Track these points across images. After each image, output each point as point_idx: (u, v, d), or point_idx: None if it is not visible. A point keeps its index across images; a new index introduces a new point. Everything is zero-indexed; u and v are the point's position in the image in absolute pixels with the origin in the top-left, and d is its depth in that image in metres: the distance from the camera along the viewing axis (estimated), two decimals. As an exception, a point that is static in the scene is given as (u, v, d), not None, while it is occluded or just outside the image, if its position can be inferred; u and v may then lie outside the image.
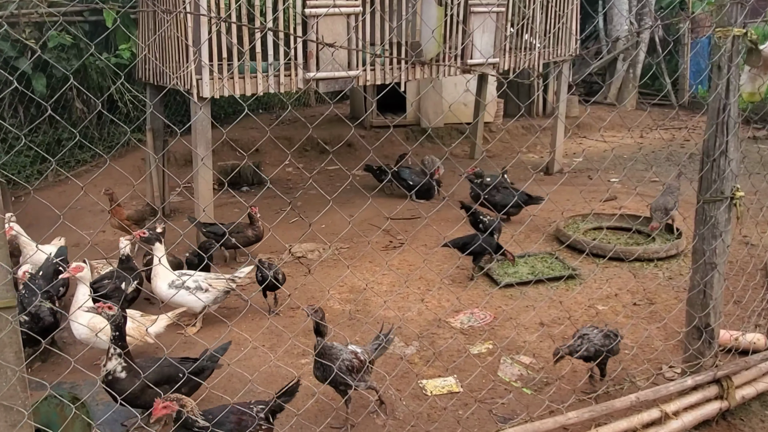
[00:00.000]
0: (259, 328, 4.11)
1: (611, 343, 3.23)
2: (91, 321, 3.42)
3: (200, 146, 5.42)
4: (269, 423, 2.54)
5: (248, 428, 2.42)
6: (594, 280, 4.87)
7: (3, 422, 2.02)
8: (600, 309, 4.36)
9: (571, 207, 6.63)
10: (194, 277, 4.20)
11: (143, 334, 3.63)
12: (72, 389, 3.26)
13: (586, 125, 11.34)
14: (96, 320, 3.35)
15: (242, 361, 3.67)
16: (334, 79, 5.82)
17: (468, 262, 5.23)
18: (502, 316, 4.29)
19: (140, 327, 3.62)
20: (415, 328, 4.14)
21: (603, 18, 13.43)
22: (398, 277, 5.00)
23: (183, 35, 5.17)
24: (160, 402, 2.25)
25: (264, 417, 2.51)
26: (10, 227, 4.60)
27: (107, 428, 3.03)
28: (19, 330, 2.01)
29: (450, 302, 4.53)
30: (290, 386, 2.73)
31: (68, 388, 3.27)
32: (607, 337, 3.25)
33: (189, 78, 5.15)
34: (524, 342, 3.91)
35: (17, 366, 2.01)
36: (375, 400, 3.26)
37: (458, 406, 3.25)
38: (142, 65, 6.41)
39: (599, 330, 3.29)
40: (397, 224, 6.39)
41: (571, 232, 5.82)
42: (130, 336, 3.47)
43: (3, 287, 1.95)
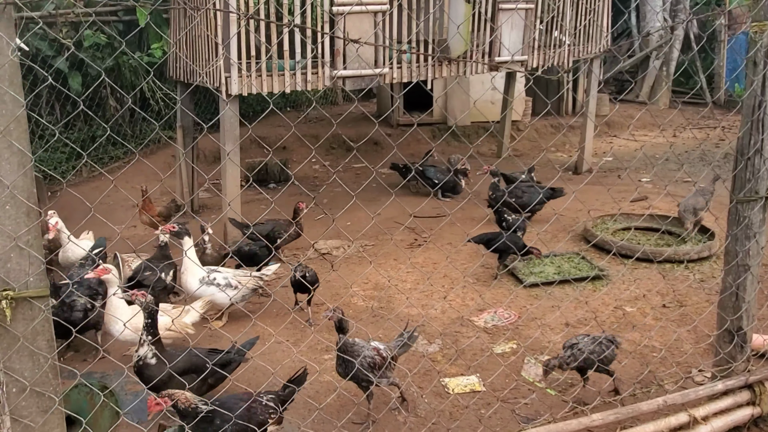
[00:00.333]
0: (283, 323, 4.14)
1: (603, 350, 3.08)
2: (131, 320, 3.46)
3: (228, 143, 5.50)
4: (279, 411, 2.57)
5: (258, 415, 2.46)
6: (622, 281, 4.78)
7: (35, 408, 2.09)
8: (628, 310, 4.28)
9: (599, 207, 6.53)
10: (224, 274, 4.26)
11: (183, 327, 3.68)
12: (102, 378, 3.34)
13: (617, 124, 11.13)
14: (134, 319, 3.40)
15: (266, 354, 3.71)
16: (361, 77, 5.84)
17: (492, 260, 5.19)
18: (526, 315, 4.25)
19: (179, 320, 3.66)
20: (439, 326, 4.13)
21: (635, 14, 13.16)
22: (422, 274, 5.00)
23: (212, 33, 5.25)
24: (152, 399, 2.30)
25: (273, 406, 2.54)
26: (56, 223, 4.72)
27: (135, 417, 3.09)
28: (51, 319, 2.08)
29: (474, 301, 4.50)
30: (298, 375, 2.76)
31: (98, 378, 3.36)
32: (598, 344, 3.09)
33: (218, 75, 5.23)
34: (549, 342, 3.86)
35: (49, 354, 2.07)
36: (397, 396, 3.26)
37: (480, 405, 3.23)
38: (172, 63, 6.53)
39: (591, 337, 3.15)
40: (422, 222, 6.37)
41: (599, 231, 5.72)
42: (170, 330, 3.54)
43: (36, 277, 2.01)
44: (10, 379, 2.04)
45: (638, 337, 3.84)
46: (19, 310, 1.99)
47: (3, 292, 1.95)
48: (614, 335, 3.26)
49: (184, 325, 3.67)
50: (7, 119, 1.89)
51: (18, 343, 2.01)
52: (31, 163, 1.95)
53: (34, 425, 2.09)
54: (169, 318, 3.47)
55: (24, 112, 1.91)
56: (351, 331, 3.07)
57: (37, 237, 2.02)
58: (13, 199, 1.93)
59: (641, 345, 3.75)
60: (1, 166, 1.91)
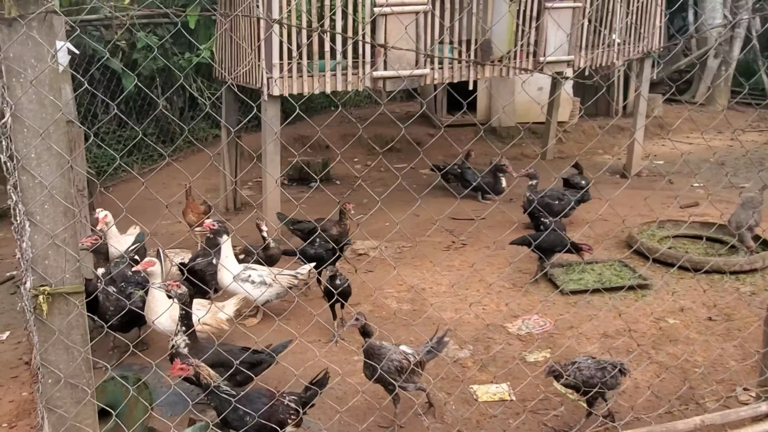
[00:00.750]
0: (316, 323, 4.17)
1: (604, 377, 2.89)
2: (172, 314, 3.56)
3: (269, 143, 5.60)
4: (299, 413, 2.59)
5: (278, 413, 2.49)
6: (666, 291, 4.60)
7: (69, 399, 2.18)
8: (670, 322, 4.11)
9: (647, 212, 6.29)
10: (259, 272, 4.34)
11: (218, 322, 3.77)
12: (140, 371, 3.46)
13: (670, 125, 10.70)
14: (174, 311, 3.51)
15: (297, 354, 3.76)
16: (401, 78, 5.82)
17: (531, 265, 5.09)
18: (562, 323, 4.14)
19: (215, 314, 3.76)
20: (471, 331, 4.08)
21: (693, 11, 12.61)
22: (457, 278, 4.95)
23: (254, 36, 5.36)
24: (178, 362, 2.35)
25: (295, 407, 2.57)
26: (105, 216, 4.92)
27: (169, 409, 3.19)
28: (85, 314, 2.16)
29: (508, 306, 4.43)
30: (319, 378, 2.77)
31: (137, 370, 3.48)
32: (600, 369, 2.91)
33: (259, 76, 5.33)
34: (584, 352, 3.74)
35: (82, 347, 2.16)
36: (424, 402, 3.24)
37: (509, 414, 3.17)
38: (218, 64, 6.70)
39: (595, 361, 2.98)
40: (460, 225, 6.31)
41: (645, 238, 5.52)
42: (206, 324, 3.64)
43: (72, 274, 2.10)
44: (47, 371, 2.14)
45: (679, 350, 3.69)
46: (55, 305, 2.08)
47: (40, 288, 2.04)
48: (623, 362, 3.04)
49: (219, 320, 3.76)
50: (47, 122, 1.98)
51: (54, 337, 2.10)
52: (67, 165, 2.03)
53: (67, 415, 2.18)
54: (207, 312, 3.57)
55: (62, 116, 2.00)
56: (376, 333, 3.06)
57: (73, 236, 2.10)
58: (51, 199, 2.02)
59: (681, 359, 3.59)
60: (40, 168, 1.99)
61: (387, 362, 2.93)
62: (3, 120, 1.96)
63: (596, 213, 6.50)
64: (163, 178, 8.06)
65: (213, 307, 3.78)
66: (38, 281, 2.06)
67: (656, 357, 3.66)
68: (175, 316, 3.48)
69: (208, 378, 2.41)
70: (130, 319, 3.72)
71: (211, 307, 3.71)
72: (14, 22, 1.87)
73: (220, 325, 3.74)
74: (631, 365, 3.55)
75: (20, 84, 1.91)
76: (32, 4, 1.88)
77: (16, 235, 2.12)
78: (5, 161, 1.99)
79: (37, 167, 1.99)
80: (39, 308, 2.06)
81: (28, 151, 1.97)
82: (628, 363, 3.10)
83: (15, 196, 2.01)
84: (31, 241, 2.04)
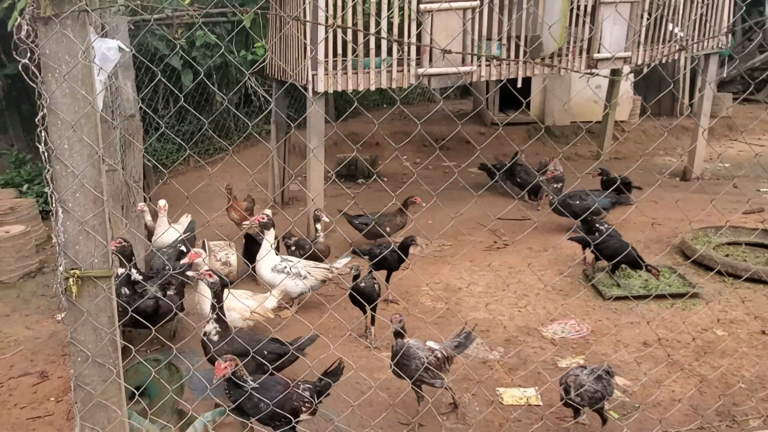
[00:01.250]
0: (348, 318, 4.21)
1: (605, 388, 2.76)
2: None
3: (313, 139, 5.69)
4: (314, 402, 2.63)
5: (293, 401, 2.53)
6: (719, 301, 4.34)
7: (96, 377, 2.31)
8: (718, 334, 3.88)
9: (705, 218, 5.96)
10: (295, 264, 4.43)
11: (265, 311, 3.88)
12: (173, 357, 3.60)
13: (741, 126, 10.08)
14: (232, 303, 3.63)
15: (327, 348, 3.80)
16: (446, 75, 5.77)
17: (573, 269, 4.94)
18: (601, 330, 3.99)
19: (262, 305, 3.86)
20: (503, 333, 4.01)
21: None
22: (496, 278, 4.87)
23: (301, 34, 5.45)
24: (220, 363, 2.42)
25: (309, 396, 2.61)
26: (165, 204, 5.18)
27: (199, 393, 3.31)
28: (113, 298, 2.28)
29: (546, 310, 4.31)
30: (334, 368, 2.80)
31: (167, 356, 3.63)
32: (599, 379, 2.76)
33: (305, 74, 5.42)
34: (621, 361, 3.60)
35: (109, 329, 2.28)
36: (448, 403, 3.21)
37: (534, 419, 3.09)
38: (269, 62, 6.87)
39: (588, 371, 2.80)
40: (505, 225, 6.20)
41: (699, 245, 5.23)
42: (256, 313, 3.76)
43: (100, 259, 2.21)
44: (76, 349, 2.27)
45: (724, 364, 3.48)
46: (84, 288, 2.21)
47: (71, 271, 2.17)
48: (610, 366, 2.87)
49: (266, 309, 3.86)
50: (79, 115, 2.09)
51: (83, 318, 2.23)
52: (97, 155, 2.14)
53: (94, 392, 2.31)
54: (255, 302, 3.69)
55: (92, 109, 2.10)
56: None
57: (102, 222, 2.21)
58: (82, 188, 2.14)
59: (726, 373, 3.39)
60: (72, 158, 2.12)
61: (415, 360, 2.92)
62: (40, 113, 2.09)
63: (650, 216, 6.23)
64: (217, 170, 8.35)
65: (259, 297, 3.90)
66: (69, 264, 2.18)
67: (698, 369, 3.47)
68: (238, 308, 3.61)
69: (241, 372, 2.47)
70: (147, 317, 3.63)
71: (258, 297, 3.82)
72: (50, 20, 1.99)
73: (267, 314, 3.84)
74: (668, 376, 3.40)
75: (55, 79, 2.03)
76: (66, 3, 1.99)
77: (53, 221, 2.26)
78: (43, 151, 2.12)
79: (69, 157, 2.11)
80: (69, 290, 2.19)
81: (61, 142, 2.09)
82: (656, 372, 2.95)
83: (50, 184, 2.14)
84: (63, 226, 2.17)
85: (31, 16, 2.00)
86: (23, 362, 3.84)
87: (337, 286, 4.86)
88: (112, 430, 2.36)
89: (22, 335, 4.22)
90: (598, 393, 2.73)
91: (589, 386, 2.71)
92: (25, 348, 4.03)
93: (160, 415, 2.97)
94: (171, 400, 3.03)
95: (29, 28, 2.02)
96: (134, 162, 6.14)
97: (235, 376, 2.51)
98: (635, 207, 6.66)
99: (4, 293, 5.00)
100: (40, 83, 2.05)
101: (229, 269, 4.85)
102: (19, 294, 4.97)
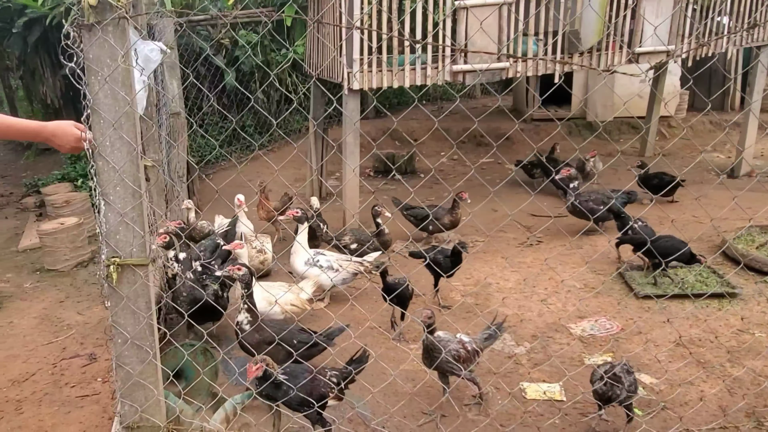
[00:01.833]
0: (378, 310, 4.32)
1: (633, 382, 2.75)
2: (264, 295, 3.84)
3: (348, 135, 5.80)
4: (340, 389, 2.73)
5: (320, 387, 2.64)
6: (758, 302, 4.22)
7: (135, 357, 2.49)
8: (755, 335, 3.78)
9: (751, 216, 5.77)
10: (327, 257, 4.56)
11: (302, 303, 4.03)
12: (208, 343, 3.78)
13: (797, 122, 9.62)
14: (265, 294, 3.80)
15: (358, 338, 3.91)
16: (481, 72, 5.78)
17: (607, 267, 4.89)
18: (631, 328, 3.95)
19: (299, 297, 4.01)
20: (531, 329, 4.02)
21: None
22: (527, 275, 4.87)
23: (337, 33, 5.57)
24: (252, 365, 2.55)
25: (336, 383, 2.71)
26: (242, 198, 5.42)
27: (234, 379, 3.48)
28: (150, 285, 2.44)
29: (575, 306, 4.29)
30: (359, 356, 2.90)
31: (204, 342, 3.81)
32: (629, 373, 2.75)
33: (341, 71, 5.54)
34: (650, 360, 3.56)
35: (146, 313, 2.44)
36: (472, 395, 3.26)
37: (556, 414, 3.11)
38: (307, 60, 7.03)
39: (613, 365, 2.77)
40: (539, 221, 6.16)
41: (742, 245, 5.08)
42: (293, 305, 3.91)
43: (138, 248, 2.38)
44: (116, 332, 2.45)
45: (760, 366, 3.40)
46: (124, 275, 2.38)
47: (112, 259, 2.35)
48: (628, 362, 2.85)
49: (303, 301, 4.01)
50: (119, 114, 2.25)
51: (122, 302, 2.41)
52: (135, 151, 2.30)
53: (133, 372, 2.49)
54: (293, 294, 3.84)
55: (131, 109, 2.26)
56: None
57: (141, 214, 2.38)
58: (122, 182, 2.31)
59: (762, 375, 3.31)
60: (113, 154, 2.29)
61: (445, 354, 2.98)
62: (85, 113, 2.26)
63: (691, 215, 6.08)
64: (257, 166, 8.60)
65: (296, 288, 4.05)
66: (110, 253, 2.36)
67: (729, 369, 3.40)
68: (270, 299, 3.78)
69: (272, 368, 2.60)
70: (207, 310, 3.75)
71: (294, 288, 3.97)
72: (93, 27, 2.16)
73: (304, 306, 3.98)
74: (698, 376, 3.35)
75: (97, 81, 2.20)
76: (108, 11, 2.16)
77: (95, 213, 2.44)
78: (87, 148, 2.30)
79: (110, 154, 2.28)
80: (110, 277, 2.37)
81: (103, 140, 2.27)
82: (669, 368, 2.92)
83: (93, 178, 2.31)
84: (105, 218, 2.35)
85: (76, 23, 2.18)
86: (74, 345, 4.11)
87: (370, 281, 4.96)
88: (149, 407, 2.54)
89: (74, 320, 4.51)
90: (617, 388, 2.72)
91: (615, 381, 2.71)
92: (77, 332, 4.30)
93: (195, 396, 3.14)
94: (206, 383, 3.19)
95: (75, 34, 2.19)
96: (178, 158, 6.42)
97: (266, 374, 2.63)
98: (679, 204, 6.50)
99: (59, 281, 5.34)
100: (85, 85, 2.23)
101: (264, 256, 5.02)
102: (73, 282, 5.30)
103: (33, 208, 7.54)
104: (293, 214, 4.77)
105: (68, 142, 2.30)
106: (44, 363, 3.89)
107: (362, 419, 3.09)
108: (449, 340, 3.11)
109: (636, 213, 5.48)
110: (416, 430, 3.03)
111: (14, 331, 4.38)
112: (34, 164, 9.37)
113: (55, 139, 2.31)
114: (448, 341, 3.10)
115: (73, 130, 2.30)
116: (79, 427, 3.18)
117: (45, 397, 3.49)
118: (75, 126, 2.31)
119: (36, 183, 7.95)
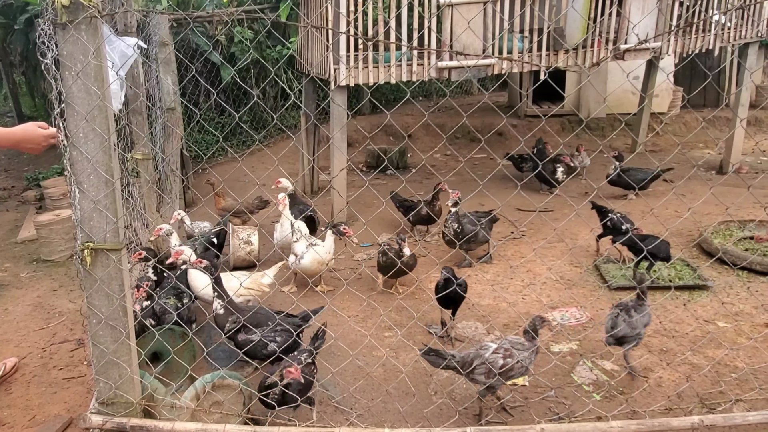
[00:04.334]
0: (358, 300, 4.45)
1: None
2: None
3: (336, 131, 5.93)
4: (313, 364, 3.01)
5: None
6: (728, 294, 4.32)
7: (109, 337, 2.64)
8: (719, 326, 3.88)
9: (734, 212, 5.86)
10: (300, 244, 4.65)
11: (260, 285, 4.17)
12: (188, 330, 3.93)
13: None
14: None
15: (334, 327, 4.05)
16: (466, 68, 5.88)
17: (583, 260, 5.00)
18: (600, 318, 4.06)
19: (255, 279, 4.16)
20: (504, 319, 4.14)
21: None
22: (505, 268, 4.98)
23: (322, 34, 5.69)
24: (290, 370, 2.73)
25: (311, 361, 2.97)
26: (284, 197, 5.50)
27: (214, 362, 3.63)
28: (123, 269, 2.59)
29: (549, 297, 4.41)
30: (318, 333, 3.23)
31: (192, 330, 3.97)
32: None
33: (328, 68, 5.67)
34: (612, 347, 3.67)
35: (119, 295, 2.59)
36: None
37: (518, 399, 3.24)
38: (299, 56, 7.16)
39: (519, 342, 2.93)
40: (526, 216, 6.27)
41: (719, 238, 5.17)
42: (248, 288, 4.06)
43: (111, 234, 2.52)
44: (91, 312, 2.60)
45: (720, 355, 3.50)
46: (97, 259, 2.53)
47: (85, 243, 2.50)
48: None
49: (261, 284, 4.15)
50: (92, 107, 2.39)
51: (96, 285, 2.55)
52: (107, 142, 2.44)
53: (106, 351, 2.64)
54: (250, 280, 3.99)
55: (103, 102, 2.40)
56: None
57: (113, 202, 2.52)
58: (95, 171, 2.45)
59: (720, 364, 3.42)
60: (86, 145, 2.43)
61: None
62: (58, 107, 2.40)
63: (673, 210, 6.16)
64: (253, 161, 8.75)
65: (255, 274, 4.20)
66: (84, 238, 2.51)
67: (691, 358, 3.51)
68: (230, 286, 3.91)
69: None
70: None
71: (255, 274, 4.12)
72: (66, 26, 2.30)
73: (262, 288, 4.13)
74: (659, 364, 3.46)
75: (71, 76, 2.35)
76: (80, 11, 2.30)
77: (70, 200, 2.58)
78: (61, 140, 2.44)
79: (83, 144, 2.42)
80: (84, 261, 2.51)
81: (77, 131, 2.41)
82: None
83: (68, 168, 2.46)
84: (79, 205, 2.49)
85: (50, 21, 2.32)
86: (64, 331, 4.28)
87: (356, 273, 5.10)
88: (122, 384, 2.69)
89: (65, 308, 4.67)
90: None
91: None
92: (67, 319, 4.47)
93: (174, 378, 3.30)
94: (185, 367, 3.34)
95: (50, 31, 2.33)
96: (172, 152, 6.58)
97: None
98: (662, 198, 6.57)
99: (54, 271, 5.51)
100: (58, 80, 2.37)
101: (250, 248, 5.16)
102: (67, 272, 5.47)
103: (33, 201, 7.74)
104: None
105: (38, 143, 2.44)
106: (35, 347, 4.05)
107: (327, 396, 3.23)
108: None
109: (618, 207, 5.60)
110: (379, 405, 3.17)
111: (9, 317, 4.55)
112: (36, 158, 9.57)
113: (24, 144, 2.45)
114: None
115: (38, 131, 2.44)
116: (63, 406, 3.34)
117: (34, 378, 3.66)
118: (38, 126, 2.45)
119: (37, 177, 8.15)
